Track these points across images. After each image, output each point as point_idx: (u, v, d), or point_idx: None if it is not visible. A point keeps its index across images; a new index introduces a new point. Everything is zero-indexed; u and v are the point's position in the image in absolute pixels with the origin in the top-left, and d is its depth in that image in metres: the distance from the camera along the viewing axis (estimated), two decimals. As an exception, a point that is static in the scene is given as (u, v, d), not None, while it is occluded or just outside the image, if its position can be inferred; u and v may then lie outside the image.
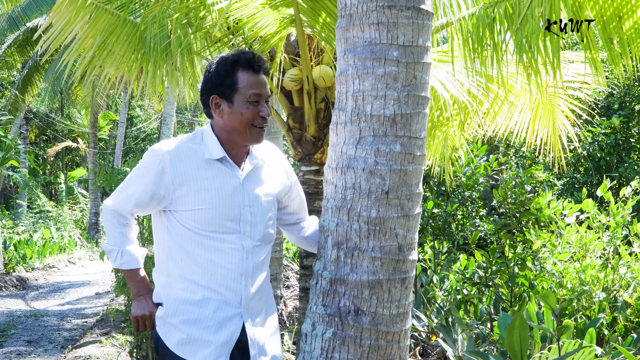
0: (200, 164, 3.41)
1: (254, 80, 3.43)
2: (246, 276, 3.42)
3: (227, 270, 3.38)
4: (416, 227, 3.55)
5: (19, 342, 10.45)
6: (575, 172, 12.70)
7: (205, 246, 3.37)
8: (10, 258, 18.48)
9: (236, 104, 3.40)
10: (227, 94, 3.42)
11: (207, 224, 3.36)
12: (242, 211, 3.43)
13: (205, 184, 3.37)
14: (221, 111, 3.44)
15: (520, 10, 5.36)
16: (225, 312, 3.38)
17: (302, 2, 5.99)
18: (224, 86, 3.41)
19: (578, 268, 6.72)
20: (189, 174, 3.37)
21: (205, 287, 3.37)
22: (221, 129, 3.48)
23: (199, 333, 3.34)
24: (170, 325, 3.40)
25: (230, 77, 3.41)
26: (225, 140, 3.48)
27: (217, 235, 3.37)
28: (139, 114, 46.83)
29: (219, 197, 3.38)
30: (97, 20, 6.76)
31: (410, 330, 3.92)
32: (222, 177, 3.43)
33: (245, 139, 3.46)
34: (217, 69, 3.45)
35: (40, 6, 23.32)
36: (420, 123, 3.46)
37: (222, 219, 3.37)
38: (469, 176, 9.00)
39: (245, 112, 3.40)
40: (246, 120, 3.40)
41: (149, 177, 3.37)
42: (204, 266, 3.37)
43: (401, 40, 3.37)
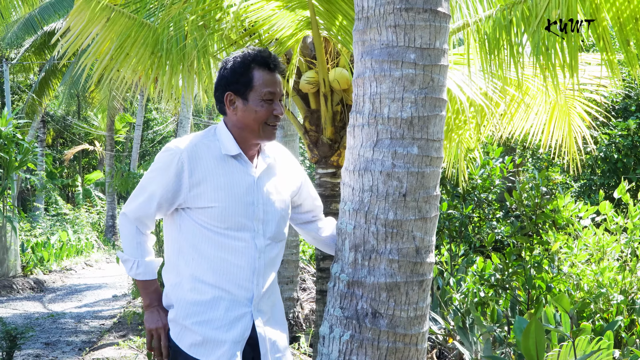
0: (215, 160, 3.42)
1: (269, 79, 3.44)
2: (258, 275, 3.43)
3: (240, 269, 3.38)
4: (434, 230, 3.55)
5: (36, 344, 10.49)
6: (592, 174, 12.65)
7: (218, 244, 3.37)
8: (27, 261, 18.55)
9: (251, 101, 3.42)
10: (242, 91, 3.43)
11: (222, 221, 3.36)
12: (255, 209, 3.44)
13: (221, 181, 3.38)
14: (235, 108, 3.46)
15: (537, 12, 5.35)
16: (236, 311, 3.38)
17: (318, 4, 6.00)
18: (239, 83, 3.43)
19: (595, 270, 6.70)
20: (205, 171, 3.38)
21: (216, 286, 3.37)
22: (234, 125, 3.49)
23: (212, 333, 3.34)
24: (182, 327, 3.40)
25: (246, 75, 3.42)
26: (238, 137, 3.49)
27: (230, 233, 3.38)
28: (155, 117, 46.97)
29: (234, 195, 3.39)
30: (114, 24, 6.79)
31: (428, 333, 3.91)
32: (237, 174, 3.44)
33: (258, 136, 3.47)
34: (233, 66, 3.45)
35: (57, 10, 23.44)
36: (438, 125, 3.46)
37: (237, 216, 3.38)
38: (484, 178, 8.99)
39: (260, 110, 3.41)
40: (260, 118, 3.42)
41: (168, 176, 3.36)
42: (215, 265, 3.37)
43: (418, 43, 3.37)
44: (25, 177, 19.81)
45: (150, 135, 46.97)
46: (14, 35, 23.89)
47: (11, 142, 16.51)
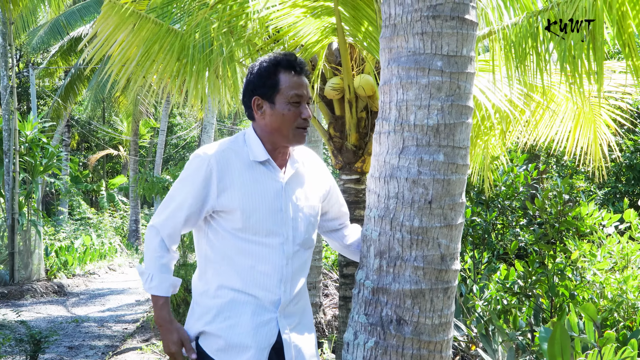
0: (244, 166, 3.41)
1: (295, 82, 3.44)
2: (285, 281, 3.42)
3: (267, 276, 3.38)
4: (459, 237, 3.54)
5: (60, 348, 10.55)
6: (617, 181, 12.58)
7: (246, 251, 3.37)
8: (51, 265, 18.66)
9: (277, 104, 3.42)
10: (269, 95, 3.43)
11: (249, 228, 3.36)
12: (284, 215, 3.43)
13: (249, 187, 3.38)
14: (263, 112, 3.46)
15: (564, 20, 5.34)
16: (262, 317, 3.37)
17: (344, 10, 6.01)
18: (266, 87, 3.43)
19: (619, 279, 6.67)
20: (233, 178, 3.37)
21: (243, 292, 3.37)
22: (263, 130, 3.49)
23: (238, 339, 3.34)
24: (208, 333, 3.41)
25: (272, 78, 3.43)
26: (268, 142, 3.49)
27: (258, 239, 3.37)
28: (179, 122, 47.13)
29: (263, 201, 3.38)
30: (140, 30, 6.83)
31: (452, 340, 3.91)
32: (265, 181, 3.43)
33: (287, 140, 3.46)
34: (259, 70, 3.46)
35: (83, 15, 23.61)
36: (464, 133, 3.46)
37: (265, 223, 3.38)
38: (508, 185, 8.96)
39: (287, 112, 3.41)
40: (288, 120, 3.41)
41: (197, 183, 3.36)
42: (243, 272, 3.37)
43: (445, 50, 3.37)
44: (50, 182, 19.94)
45: (174, 140, 47.14)
46: (40, 40, 24.08)
47: (36, 146, 16.65)
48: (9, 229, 16.39)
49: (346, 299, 6.60)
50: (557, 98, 7.36)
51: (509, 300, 7.19)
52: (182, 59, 6.88)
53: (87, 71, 24.97)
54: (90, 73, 25.59)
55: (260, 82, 3.44)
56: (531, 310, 6.94)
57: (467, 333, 6.74)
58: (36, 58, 32.35)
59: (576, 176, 13.02)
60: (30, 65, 26.94)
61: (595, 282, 6.87)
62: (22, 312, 13.10)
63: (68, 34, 24.27)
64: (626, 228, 7.61)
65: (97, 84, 24.33)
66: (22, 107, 36.25)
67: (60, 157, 18.10)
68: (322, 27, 6.39)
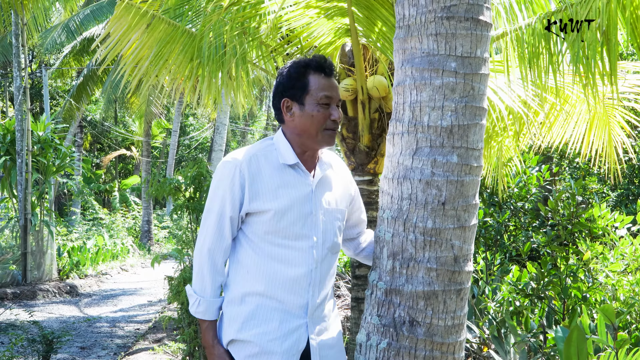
0: (274, 170, 3.40)
1: (325, 83, 3.44)
2: (314, 286, 3.41)
3: (296, 280, 3.36)
4: (472, 239, 3.54)
5: (72, 348, 10.57)
6: (630, 183, 12.55)
7: (275, 256, 3.35)
8: (63, 265, 18.70)
9: (307, 106, 3.42)
10: (298, 96, 3.43)
11: (280, 232, 3.35)
12: (314, 219, 3.42)
13: (279, 191, 3.37)
14: (292, 114, 3.45)
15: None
16: (291, 323, 3.35)
17: (357, 11, 6.01)
18: (295, 88, 3.43)
19: (632, 281, 6.64)
20: (264, 182, 3.36)
21: (271, 297, 3.35)
22: (292, 132, 3.48)
23: (267, 345, 3.31)
24: (238, 341, 3.37)
25: (302, 80, 3.43)
26: (297, 145, 3.48)
27: (289, 243, 3.36)
28: (191, 123, 47.20)
29: (293, 204, 3.37)
30: (153, 30, 6.85)
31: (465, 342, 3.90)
32: (295, 184, 3.42)
33: (316, 142, 3.45)
34: (289, 72, 3.46)
35: (97, 16, 23.66)
36: (478, 134, 3.45)
37: (295, 226, 3.37)
38: (521, 187, 8.94)
39: (317, 114, 3.40)
40: (317, 122, 3.41)
41: (231, 189, 3.35)
42: (271, 276, 3.36)
43: (459, 52, 3.37)
44: (63, 182, 19.99)
45: (187, 141, 47.22)
46: (53, 41, 24.15)
47: (49, 146, 16.70)
48: (21, 229, 16.44)
49: (358, 300, 6.60)
50: (570, 99, 7.34)
51: (522, 302, 7.17)
52: (195, 60, 6.89)
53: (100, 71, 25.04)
54: (103, 74, 25.66)
55: (290, 84, 3.45)
56: (543, 312, 6.93)
57: (480, 334, 6.72)
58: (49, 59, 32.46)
59: (589, 178, 12.98)
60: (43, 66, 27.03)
61: (608, 284, 6.84)
62: (35, 312, 13.14)
63: (81, 34, 24.33)
64: (638, 230, 7.58)
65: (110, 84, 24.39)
66: (34, 107, 36.37)
67: (73, 158, 18.15)
68: (335, 28, 6.40)
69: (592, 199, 11.12)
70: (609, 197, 12.62)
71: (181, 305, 7.18)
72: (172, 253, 7.87)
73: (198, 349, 7.19)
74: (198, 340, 7.12)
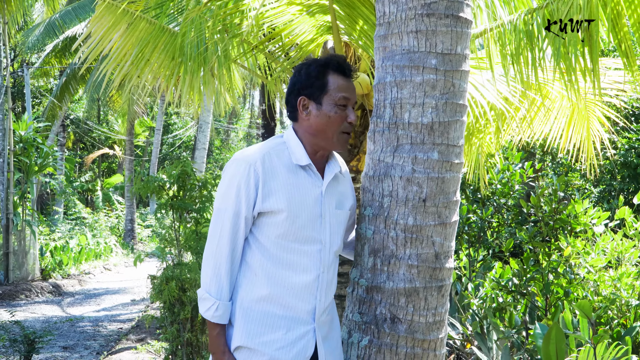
0: (286, 170, 3.32)
1: (344, 84, 3.38)
2: (321, 291, 3.33)
3: (305, 287, 3.29)
4: (453, 235, 3.54)
5: (54, 348, 10.54)
6: (612, 179, 12.59)
7: (285, 262, 3.28)
8: (46, 264, 18.64)
9: (324, 106, 3.36)
10: (316, 95, 3.37)
11: (291, 234, 3.27)
12: (323, 222, 3.36)
13: (291, 192, 3.29)
14: (308, 113, 3.38)
15: (559, 18, 5.34)
16: (298, 330, 3.27)
17: (339, 9, 6.00)
18: (314, 87, 3.37)
19: (613, 276, 6.67)
20: (277, 181, 3.28)
21: (279, 304, 3.27)
22: (306, 131, 3.41)
23: (275, 354, 3.23)
24: (247, 349, 3.27)
25: (321, 79, 3.37)
26: (309, 144, 3.41)
27: (298, 246, 3.29)
28: (175, 121, 47.11)
29: (304, 207, 3.30)
30: (135, 29, 6.82)
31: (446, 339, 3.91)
32: (306, 186, 3.35)
33: (330, 143, 3.39)
34: (308, 70, 3.40)
35: (78, 14, 23.51)
36: (458, 131, 3.46)
37: (305, 229, 3.30)
38: (504, 183, 8.97)
39: (333, 115, 3.34)
40: (333, 123, 3.35)
41: (249, 187, 3.25)
42: (281, 283, 3.27)
43: (440, 48, 3.38)
44: (45, 181, 19.92)
45: (170, 139, 47.13)
46: (35, 39, 24.00)
47: (31, 146, 16.64)
48: (3, 229, 16.39)
49: (341, 298, 6.59)
50: (551, 95, 7.36)
51: (504, 298, 7.20)
52: (176, 58, 6.86)
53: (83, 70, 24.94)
54: (85, 72, 25.53)
55: (309, 82, 3.38)
56: (526, 308, 6.95)
57: (463, 331, 6.74)
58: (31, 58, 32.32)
59: (572, 174, 13.03)
60: (25, 65, 26.89)
61: (590, 280, 6.87)
62: (17, 312, 13.11)
63: (63, 32, 24.19)
64: (616, 226, 7.61)
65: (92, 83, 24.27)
66: (17, 107, 36.18)
67: (55, 157, 18.09)
68: (317, 25, 6.39)
69: (575, 195, 11.16)
70: (590, 193, 12.67)
71: (164, 304, 7.16)
72: (155, 252, 7.85)
73: (181, 347, 7.18)
74: (181, 339, 7.11)
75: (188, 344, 7.23)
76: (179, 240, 7.49)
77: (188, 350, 7.23)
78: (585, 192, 12.71)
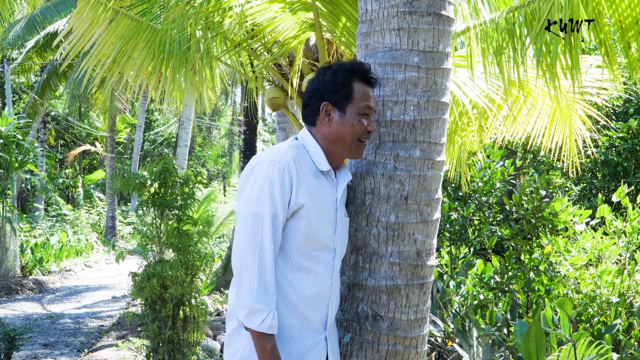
0: (312, 175, 3.24)
1: (368, 93, 3.30)
2: (332, 299, 3.28)
3: (320, 296, 3.23)
4: (435, 233, 3.55)
5: (35, 345, 10.50)
6: (593, 177, 12.64)
7: (303, 270, 3.19)
8: (27, 261, 18.57)
9: (348, 114, 3.26)
10: (341, 103, 3.27)
11: (312, 242, 3.19)
12: (336, 229, 3.31)
13: (316, 196, 3.21)
14: (330, 119, 3.29)
15: (540, 16, 5.35)
16: (310, 340, 3.20)
17: (321, 6, 6.00)
18: (339, 94, 3.28)
19: (594, 274, 6.70)
20: (305, 186, 3.18)
21: (294, 313, 3.18)
22: (325, 137, 3.32)
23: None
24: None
25: (347, 86, 3.28)
26: (328, 151, 3.32)
27: (317, 253, 3.21)
28: (157, 118, 46.99)
29: (324, 213, 3.25)
30: (117, 26, 6.80)
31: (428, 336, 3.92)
32: (326, 192, 3.29)
33: (349, 151, 3.32)
34: (335, 76, 3.31)
35: (59, 10, 23.40)
36: (440, 129, 3.47)
37: (324, 237, 3.23)
38: (485, 181, 8.99)
39: (356, 123, 3.25)
40: (355, 132, 3.26)
41: (284, 189, 3.12)
42: (295, 291, 3.18)
43: (422, 46, 3.38)
44: (26, 178, 19.83)
45: (152, 136, 47.01)
46: (16, 35, 23.87)
47: (12, 142, 16.54)
48: (-17, 226, 16.31)
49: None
50: (533, 92, 7.38)
51: (486, 296, 7.21)
52: (158, 55, 6.84)
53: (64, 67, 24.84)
54: (67, 69, 25.43)
55: (334, 88, 3.29)
56: (507, 306, 6.97)
57: (444, 328, 6.75)
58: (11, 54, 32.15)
59: (553, 172, 13.06)
60: (5, 61, 26.74)
61: (570, 278, 6.90)
62: (-3, 309, 13.05)
63: (44, 28, 24.07)
64: (597, 224, 7.63)
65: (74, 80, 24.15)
66: (-3, 103, 36.01)
67: (36, 154, 18.01)
68: (299, 22, 6.38)
69: (556, 193, 11.19)
70: (572, 191, 12.71)
71: (145, 302, 7.14)
72: (137, 249, 7.84)
73: (162, 345, 7.16)
74: (162, 336, 7.10)
75: (169, 341, 7.21)
76: (160, 238, 7.47)
77: (169, 348, 7.22)
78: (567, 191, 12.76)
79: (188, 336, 7.28)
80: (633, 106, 12.06)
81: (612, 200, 7.74)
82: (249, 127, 18.18)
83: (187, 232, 7.42)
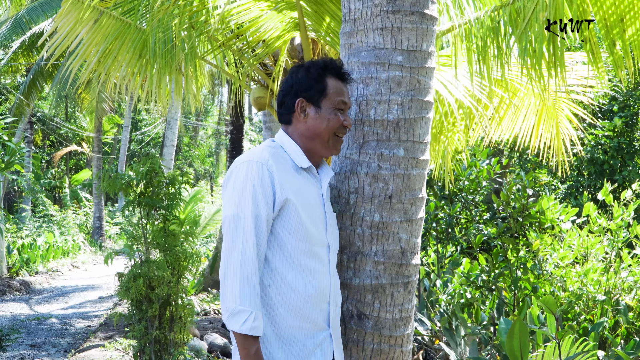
0: (293, 171, 3.24)
1: (342, 88, 3.32)
2: (332, 295, 3.26)
3: (319, 293, 3.20)
4: (419, 232, 3.55)
5: (22, 346, 10.46)
6: (579, 175, 12.68)
7: (301, 268, 3.17)
8: (13, 262, 18.51)
9: (324, 109, 3.29)
10: (316, 99, 3.30)
11: (305, 238, 3.17)
12: (327, 223, 3.30)
13: (302, 194, 3.20)
14: (306, 116, 3.31)
15: (525, 14, 5.36)
16: (317, 338, 3.20)
17: (306, 5, 6.00)
18: (313, 90, 3.30)
19: (580, 272, 6.72)
20: (288, 185, 3.15)
21: (296, 313, 3.16)
22: (302, 134, 3.33)
23: None
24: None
25: (321, 82, 3.30)
26: (305, 148, 3.33)
27: (312, 249, 3.19)
28: (144, 118, 46.90)
29: (312, 208, 3.23)
30: (101, 26, 6.78)
31: (414, 334, 3.93)
32: (311, 188, 3.29)
33: (326, 147, 3.33)
34: (308, 72, 3.33)
35: (45, 10, 23.31)
36: (424, 127, 3.47)
37: (317, 233, 3.22)
38: (471, 180, 9.00)
39: (332, 118, 3.27)
40: (332, 127, 3.28)
41: (265, 187, 3.11)
42: (296, 293, 3.16)
43: (405, 45, 3.39)
44: (12, 179, 19.77)
45: (139, 136, 46.91)
46: (1, 35, 23.78)
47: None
48: (-30, 227, 16.25)
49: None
50: (519, 92, 7.40)
51: (473, 294, 7.23)
52: (144, 55, 6.83)
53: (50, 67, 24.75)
54: (53, 69, 25.34)
55: (308, 85, 3.31)
56: (494, 304, 6.99)
57: (431, 327, 6.76)
58: (-4, 54, 32.04)
59: (539, 170, 13.10)
60: (-9, 62, 26.67)
61: (557, 276, 6.92)
62: (-16, 310, 13.01)
63: (30, 29, 23.98)
64: (582, 222, 7.66)
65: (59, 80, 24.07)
66: (-18, 104, 35.87)
67: (22, 154, 17.95)
68: (284, 21, 6.39)
69: (543, 191, 11.23)
70: (558, 189, 12.75)
71: (131, 302, 7.13)
72: (124, 249, 7.83)
73: (149, 345, 7.15)
74: (149, 336, 7.08)
75: (156, 341, 7.20)
76: (146, 238, 7.45)
77: (156, 348, 7.20)
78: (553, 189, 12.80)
79: (175, 336, 7.26)
80: (618, 104, 12.10)
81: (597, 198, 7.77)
82: (235, 127, 18.16)
83: (174, 232, 7.40)
